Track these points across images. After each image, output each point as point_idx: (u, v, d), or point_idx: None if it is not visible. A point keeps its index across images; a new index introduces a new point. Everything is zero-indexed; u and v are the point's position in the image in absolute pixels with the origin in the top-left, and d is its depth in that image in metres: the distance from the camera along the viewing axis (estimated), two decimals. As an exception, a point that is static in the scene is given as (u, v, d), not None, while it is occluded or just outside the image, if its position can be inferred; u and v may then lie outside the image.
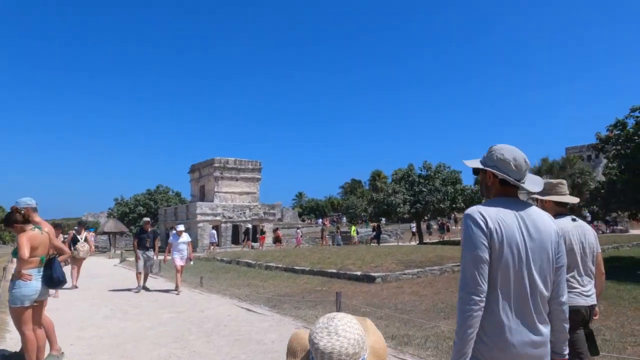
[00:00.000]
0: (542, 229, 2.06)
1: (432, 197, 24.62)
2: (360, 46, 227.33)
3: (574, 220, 3.50)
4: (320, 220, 71.41)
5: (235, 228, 34.10)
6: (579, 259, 3.39)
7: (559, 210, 3.54)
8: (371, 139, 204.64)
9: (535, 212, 2.11)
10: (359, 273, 13.46)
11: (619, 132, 12.88)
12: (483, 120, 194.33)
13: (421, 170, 27.82)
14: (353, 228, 33.62)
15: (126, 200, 47.70)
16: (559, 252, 2.12)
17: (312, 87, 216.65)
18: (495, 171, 2.12)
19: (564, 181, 3.69)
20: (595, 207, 14.36)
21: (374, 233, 31.12)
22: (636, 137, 11.82)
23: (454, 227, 44.11)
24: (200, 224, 33.12)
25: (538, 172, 47.90)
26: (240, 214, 34.99)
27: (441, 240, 30.82)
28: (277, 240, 32.80)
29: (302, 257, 17.97)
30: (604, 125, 13.78)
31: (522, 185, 2.12)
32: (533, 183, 2.20)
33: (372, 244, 31.36)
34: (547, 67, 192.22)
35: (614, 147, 12.99)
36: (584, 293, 3.37)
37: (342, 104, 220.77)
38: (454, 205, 24.74)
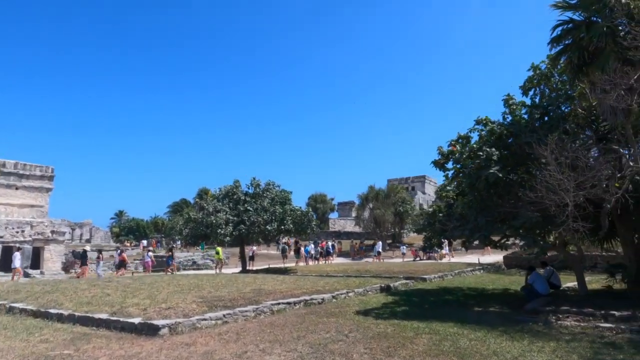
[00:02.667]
0: None
1: (259, 217, 21.48)
2: (189, 51, 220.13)
3: None
4: (145, 242, 62.90)
5: (7, 250, 26.23)
6: None
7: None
8: (202, 154, 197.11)
9: None
10: (137, 320, 9.32)
11: (461, 146, 11.47)
12: (317, 144, 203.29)
13: (248, 188, 24.69)
14: (219, 249, 28.65)
15: None
16: None
17: (136, 92, 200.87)
18: None
19: None
20: (429, 233, 12.61)
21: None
22: (481, 153, 10.27)
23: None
24: (-49, 245, 24.58)
25: (365, 198, 48.95)
26: (18, 232, 27.21)
27: (268, 267, 27.80)
28: (121, 265, 26.34)
29: (74, 293, 12.96)
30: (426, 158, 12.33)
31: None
32: None
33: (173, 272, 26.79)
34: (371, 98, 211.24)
35: (455, 164, 11.50)
36: None
37: (172, 115, 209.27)
38: (282, 227, 22.00)
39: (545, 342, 7.66)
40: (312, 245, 34.01)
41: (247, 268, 25.52)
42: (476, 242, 13.14)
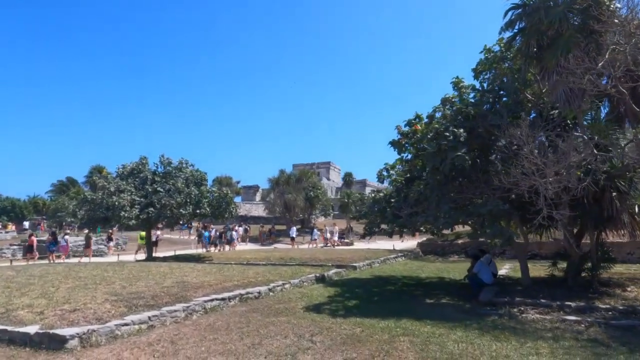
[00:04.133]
0: None
1: (171, 199, 19.01)
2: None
3: None
4: (27, 224, 55.11)
5: None
6: None
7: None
8: (90, 130, 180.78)
9: None
10: (34, 329, 7.09)
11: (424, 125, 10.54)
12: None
13: (157, 167, 21.94)
14: (142, 234, 25.00)
15: None
16: None
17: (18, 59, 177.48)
18: None
19: None
20: (376, 219, 11.66)
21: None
22: (448, 134, 9.39)
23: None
24: None
25: (276, 182, 47.53)
26: None
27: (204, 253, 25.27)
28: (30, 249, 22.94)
29: None
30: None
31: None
32: None
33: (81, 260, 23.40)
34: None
35: (416, 145, 10.53)
36: None
37: (51, 85, 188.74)
38: (197, 211, 19.74)
39: (532, 341, 6.97)
40: (214, 231, 31.81)
41: (153, 255, 22.87)
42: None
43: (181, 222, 23.79)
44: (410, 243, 31.67)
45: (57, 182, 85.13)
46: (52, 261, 22.29)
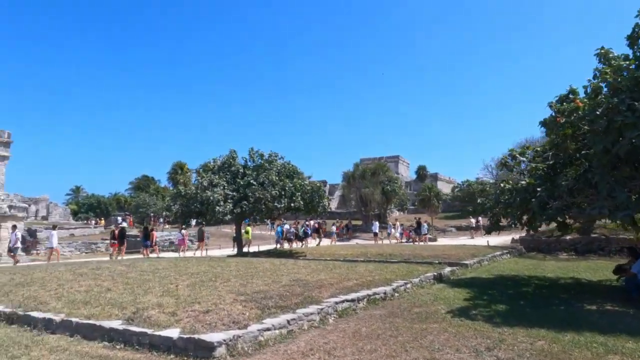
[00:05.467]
0: None
1: (266, 192, 18.40)
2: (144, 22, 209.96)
3: None
4: (121, 219, 56.94)
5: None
6: None
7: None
8: (171, 130, 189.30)
9: None
10: (175, 333, 6.37)
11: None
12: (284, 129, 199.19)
13: (245, 160, 21.49)
14: (248, 229, 25.47)
15: None
16: None
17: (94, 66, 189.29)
18: None
19: None
20: (514, 210, 10.17)
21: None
22: (623, 108, 7.74)
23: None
24: None
25: (352, 177, 46.48)
26: (-32, 206, 23.03)
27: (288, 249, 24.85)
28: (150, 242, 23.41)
29: (58, 286, 9.76)
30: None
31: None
32: None
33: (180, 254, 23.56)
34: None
35: (577, 122, 8.91)
36: None
37: (137, 93, 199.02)
38: (291, 204, 19.02)
39: None
40: (287, 226, 30.95)
41: (248, 251, 22.54)
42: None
43: (275, 216, 23.17)
44: (500, 239, 29.49)
45: (135, 180, 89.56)
46: (145, 256, 22.59)
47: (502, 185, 11.94)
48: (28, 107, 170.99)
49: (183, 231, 25.64)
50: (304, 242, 30.42)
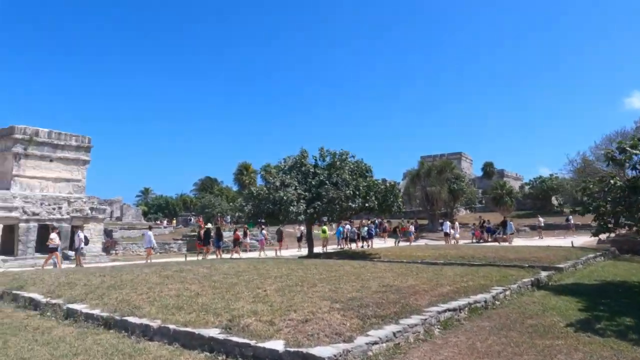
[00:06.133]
0: None
1: (339, 192, 17.91)
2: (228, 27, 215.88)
3: None
4: (193, 220, 57.56)
5: (44, 229, 23.37)
6: None
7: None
8: (234, 132, 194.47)
9: None
10: (280, 345, 5.97)
11: None
12: (339, 127, 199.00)
13: (315, 160, 21.12)
14: (324, 228, 25.75)
15: None
16: None
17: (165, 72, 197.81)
18: None
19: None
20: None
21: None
22: None
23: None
24: (-18, 223, 21.70)
25: (417, 175, 45.19)
26: (54, 209, 24.29)
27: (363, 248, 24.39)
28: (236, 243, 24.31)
29: (148, 289, 9.73)
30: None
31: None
32: None
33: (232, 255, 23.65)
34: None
35: None
36: None
37: (196, 96, 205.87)
38: (365, 204, 18.42)
39: None
40: (348, 226, 30.08)
41: (315, 252, 22.22)
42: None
43: (347, 216, 22.63)
44: (582, 240, 27.39)
45: (199, 181, 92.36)
46: (218, 256, 22.84)
47: (611, 182, 10.71)
48: (103, 113, 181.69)
49: (264, 231, 25.93)
50: (367, 243, 29.69)
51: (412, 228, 30.00)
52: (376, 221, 39.90)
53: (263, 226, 26.24)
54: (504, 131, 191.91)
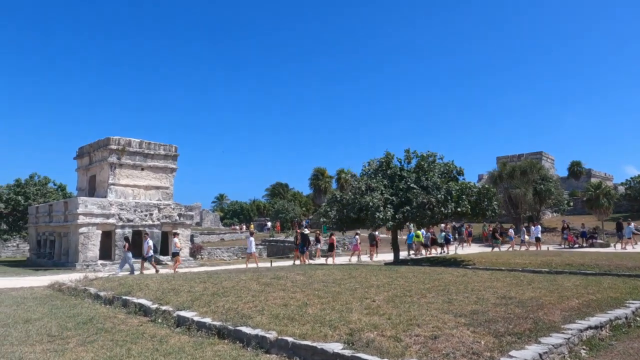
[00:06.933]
0: None
1: (431, 196, 17.06)
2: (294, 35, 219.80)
3: None
4: (269, 224, 57.77)
5: (137, 235, 24.49)
6: None
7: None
8: (312, 137, 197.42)
9: None
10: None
11: None
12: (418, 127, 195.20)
13: (400, 163, 20.39)
14: (418, 232, 25.84)
15: (-20, 194, 34.72)
16: None
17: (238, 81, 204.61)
18: None
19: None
20: None
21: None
22: None
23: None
24: (84, 229, 23.08)
25: (499, 176, 42.91)
26: (146, 215, 25.40)
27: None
28: (331, 248, 24.22)
29: (253, 297, 9.56)
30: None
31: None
32: None
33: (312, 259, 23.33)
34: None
35: None
36: None
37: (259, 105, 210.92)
38: (458, 209, 17.40)
39: None
40: (423, 231, 28.41)
41: (400, 258, 21.43)
42: None
43: (437, 221, 21.64)
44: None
45: (270, 187, 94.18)
46: (303, 262, 22.71)
47: None
48: (185, 123, 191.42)
49: (357, 236, 25.65)
50: (444, 249, 28.30)
51: (511, 232, 28.32)
52: (456, 225, 38.33)
53: (357, 231, 25.78)
54: (583, 128, 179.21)
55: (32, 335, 7.80)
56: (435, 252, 28.12)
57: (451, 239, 31.76)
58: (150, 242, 20.35)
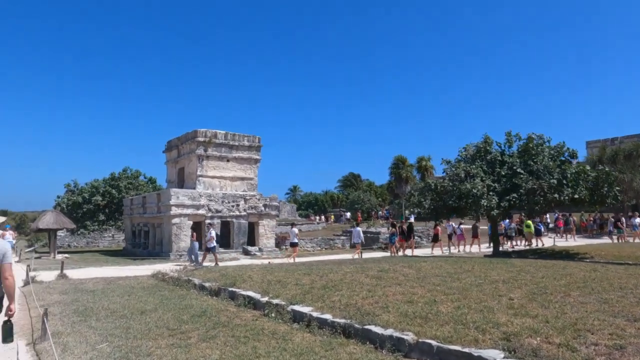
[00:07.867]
0: None
1: (542, 181, 15.39)
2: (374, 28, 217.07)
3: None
4: (349, 214, 56.50)
5: (225, 225, 24.77)
6: None
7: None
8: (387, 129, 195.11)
9: None
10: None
11: None
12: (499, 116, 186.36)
13: (500, 146, 18.73)
14: (528, 222, 24.57)
15: (80, 187, 37.72)
16: None
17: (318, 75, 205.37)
18: None
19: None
20: None
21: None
22: None
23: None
24: (176, 220, 23.67)
25: (598, 160, 39.17)
26: (233, 206, 25.64)
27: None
28: (435, 238, 23.33)
29: (368, 292, 8.83)
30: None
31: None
32: None
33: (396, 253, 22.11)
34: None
35: None
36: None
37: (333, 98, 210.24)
38: (575, 196, 15.55)
39: None
40: (507, 221, 25.86)
41: (500, 250, 19.84)
42: None
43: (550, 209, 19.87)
44: None
45: (342, 178, 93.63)
46: (393, 254, 21.79)
47: None
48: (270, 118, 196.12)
49: (462, 226, 24.23)
50: (537, 241, 25.63)
51: (638, 220, 25.40)
52: (555, 215, 35.43)
53: (461, 221, 24.30)
54: None
55: (152, 328, 7.57)
56: (512, 244, 25.56)
57: (542, 229, 29.09)
58: (213, 232, 19.43)
